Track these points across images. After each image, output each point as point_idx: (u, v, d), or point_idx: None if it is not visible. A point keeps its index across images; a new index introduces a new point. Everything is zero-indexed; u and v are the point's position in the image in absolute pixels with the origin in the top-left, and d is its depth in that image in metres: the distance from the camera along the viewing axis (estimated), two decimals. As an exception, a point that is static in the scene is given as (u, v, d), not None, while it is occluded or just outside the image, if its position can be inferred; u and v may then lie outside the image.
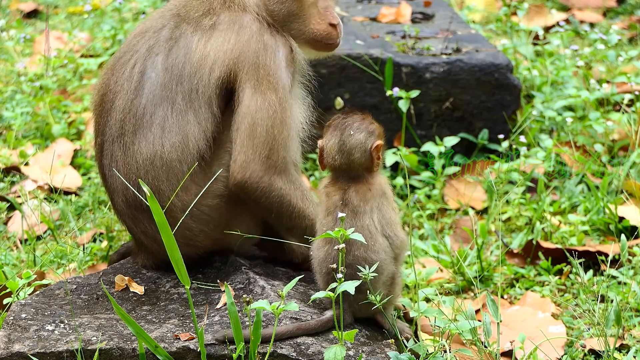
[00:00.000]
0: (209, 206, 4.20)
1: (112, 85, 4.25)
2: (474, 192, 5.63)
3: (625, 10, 8.15)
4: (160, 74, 4.18)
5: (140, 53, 4.23)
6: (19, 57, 7.44)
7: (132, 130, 4.17)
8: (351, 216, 4.01)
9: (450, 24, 6.40)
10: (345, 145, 4.07)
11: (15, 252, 5.19)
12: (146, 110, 4.16)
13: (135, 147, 4.16)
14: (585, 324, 4.54)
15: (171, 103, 4.16)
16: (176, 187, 4.15)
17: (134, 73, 4.21)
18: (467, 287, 4.90)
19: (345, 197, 4.04)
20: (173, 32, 4.23)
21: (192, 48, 4.18)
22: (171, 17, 4.27)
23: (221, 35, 4.20)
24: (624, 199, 5.36)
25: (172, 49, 4.20)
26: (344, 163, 4.07)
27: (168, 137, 4.14)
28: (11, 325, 3.98)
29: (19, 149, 6.10)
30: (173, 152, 4.14)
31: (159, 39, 4.23)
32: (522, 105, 6.14)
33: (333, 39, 4.36)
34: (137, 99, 4.18)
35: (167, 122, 4.15)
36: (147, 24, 4.32)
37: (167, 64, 4.18)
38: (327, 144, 4.10)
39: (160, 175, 4.15)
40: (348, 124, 4.10)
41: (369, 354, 3.89)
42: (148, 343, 3.78)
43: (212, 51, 4.17)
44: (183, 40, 4.20)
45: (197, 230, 4.23)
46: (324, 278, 4.03)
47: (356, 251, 3.97)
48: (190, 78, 4.16)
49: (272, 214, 4.22)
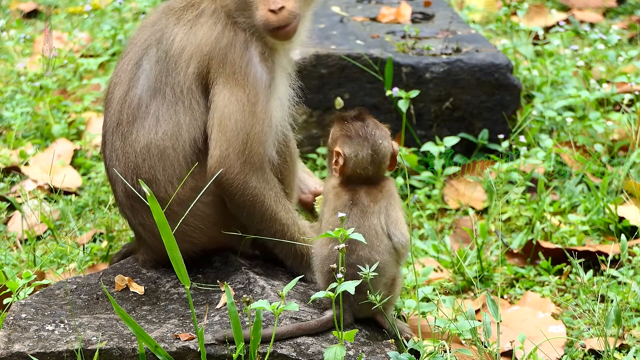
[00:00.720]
0: (202, 202, 4.22)
1: (114, 78, 4.36)
2: (474, 192, 5.63)
3: (625, 10, 8.15)
4: (153, 66, 4.26)
5: (138, 45, 4.32)
6: (19, 57, 7.44)
7: (129, 120, 4.25)
8: (360, 215, 4.02)
9: (450, 24, 6.40)
10: (378, 154, 4.08)
11: (15, 252, 5.19)
12: (142, 101, 4.25)
13: (133, 137, 4.23)
14: (585, 324, 4.54)
15: (162, 94, 4.24)
16: (172, 176, 4.20)
17: (131, 65, 4.31)
18: (467, 287, 4.90)
19: (355, 197, 4.05)
20: (163, 25, 4.31)
21: (174, 40, 4.26)
22: (163, 10, 4.36)
23: (199, 30, 4.26)
24: (624, 199, 5.36)
25: (160, 42, 4.28)
26: (375, 171, 4.09)
27: (162, 125, 4.21)
28: (11, 325, 3.98)
29: (19, 149, 6.10)
30: (167, 140, 4.20)
31: (152, 32, 4.32)
32: (522, 105, 6.14)
33: (272, 24, 4.21)
34: (132, 90, 4.27)
35: (160, 112, 4.23)
36: (150, 18, 4.42)
37: (158, 56, 4.27)
38: (356, 155, 4.07)
39: (156, 164, 4.21)
40: (372, 132, 4.09)
41: (369, 354, 3.89)
42: (148, 343, 3.78)
43: (189, 45, 4.24)
44: (168, 32, 4.28)
45: (193, 226, 4.25)
46: (325, 277, 4.03)
47: (360, 251, 3.97)
48: (174, 71, 4.24)
49: (244, 213, 4.21)
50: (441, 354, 3.95)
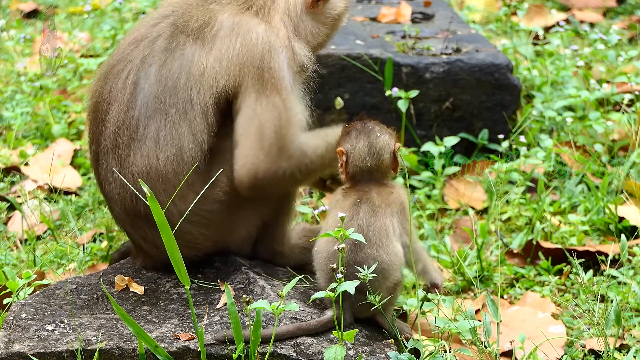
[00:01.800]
0: (208, 211, 4.20)
1: (106, 95, 4.21)
2: (474, 192, 5.63)
3: (625, 10, 8.15)
4: (153, 86, 4.12)
5: (134, 63, 4.17)
6: (19, 57, 7.45)
7: (126, 143, 4.13)
8: (371, 214, 4.02)
9: (450, 24, 6.40)
10: (374, 146, 4.11)
11: (15, 252, 5.19)
12: (139, 123, 4.12)
13: (130, 160, 4.14)
14: (585, 324, 4.54)
15: (164, 115, 4.11)
16: (175, 197, 4.13)
17: (127, 84, 4.16)
18: (467, 287, 4.90)
19: (365, 197, 4.05)
20: (169, 43, 4.16)
21: (190, 59, 4.12)
22: (167, 26, 4.20)
23: (225, 42, 4.15)
24: (624, 199, 5.36)
25: (166, 60, 4.14)
26: (374, 164, 4.10)
27: (163, 149, 4.11)
28: (11, 325, 3.98)
29: (19, 149, 6.10)
30: (168, 165, 4.12)
31: (153, 50, 4.17)
32: (522, 105, 6.14)
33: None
34: (130, 111, 4.13)
35: (160, 134, 4.11)
36: (141, 31, 4.24)
37: (161, 75, 4.13)
38: (354, 148, 4.11)
39: (156, 188, 4.12)
40: (371, 127, 4.14)
41: (369, 354, 3.89)
42: (148, 343, 3.78)
43: (216, 61, 4.13)
44: (179, 51, 4.14)
45: (197, 234, 4.23)
46: (327, 274, 4.02)
47: (369, 249, 3.97)
48: (186, 89, 4.11)
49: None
50: (441, 354, 3.95)
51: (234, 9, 4.22)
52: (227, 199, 4.20)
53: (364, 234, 3.93)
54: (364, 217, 4.01)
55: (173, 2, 4.33)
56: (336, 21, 4.45)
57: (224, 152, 4.18)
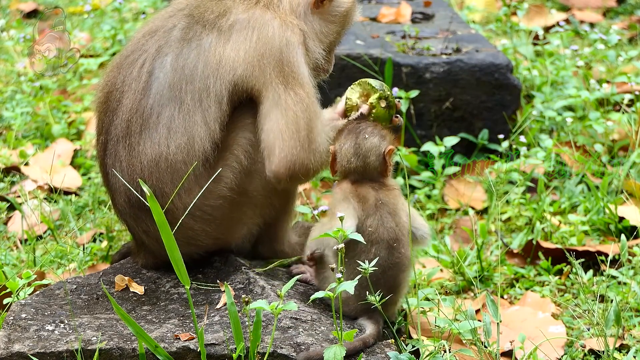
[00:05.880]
0: (211, 206, 4.20)
1: (119, 84, 4.23)
2: (474, 192, 5.63)
3: (625, 10, 8.15)
4: (168, 74, 4.15)
5: (149, 53, 4.20)
6: (19, 57, 7.45)
7: (138, 131, 4.15)
8: (391, 216, 4.04)
9: (450, 24, 6.40)
10: (360, 148, 4.11)
11: (15, 252, 5.19)
12: (153, 111, 4.14)
13: (140, 148, 4.14)
14: (585, 324, 4.54)
15: (179, 103, 4.13)
16: (180, 188, 4.14)
17: (142, 73, 4.18)
18: (467, 287, 4.90)
19: (378, 198, 4.06)
20: (185, 33, 4.19)
21: (207, 48, 4.15)
22: (182, 17, 4.24)
23: (242, 34, 4.17)
24: (624, 199, 5.36)
25: (182, 50, 4.16)
26: (360, 166, 4.10)
27: (174, 138, 4.12)
28: (11, 325, 3.98)
29: (19, 149, 6.10)
30: (178, 154, 4.13)
31: (169, 40, 4.20)
32: (522, 105, 6.14)
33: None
34: (144, 99, 4.15)
35: (173, 122, 4.13)
36: (156, 23, 4.29)
37: (177, 64, 4.15)
38: (341, 147, 4.13)
39: (164, 177, 4.13)
40: (362, 128, 4.15)
41: (369, 354, 3.89)
42: (148, 343, 3.78)
43: (233, 51, 4.15)
44: (196, 41, 4.16)
45: (200, 230, 4.23)
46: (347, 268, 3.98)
47: (402, 249, 4.01)
48: (203, 78, 4.13)
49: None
50: (441, 354, 3.95)
51: (247, 3, 4.25)
52: (231, 195, 4.20)
53: (395, 235, 3.98)
54: (387, 219, 4.02)
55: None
56: (345, 18, 4.45)
57: (234, 146, 4.19)
